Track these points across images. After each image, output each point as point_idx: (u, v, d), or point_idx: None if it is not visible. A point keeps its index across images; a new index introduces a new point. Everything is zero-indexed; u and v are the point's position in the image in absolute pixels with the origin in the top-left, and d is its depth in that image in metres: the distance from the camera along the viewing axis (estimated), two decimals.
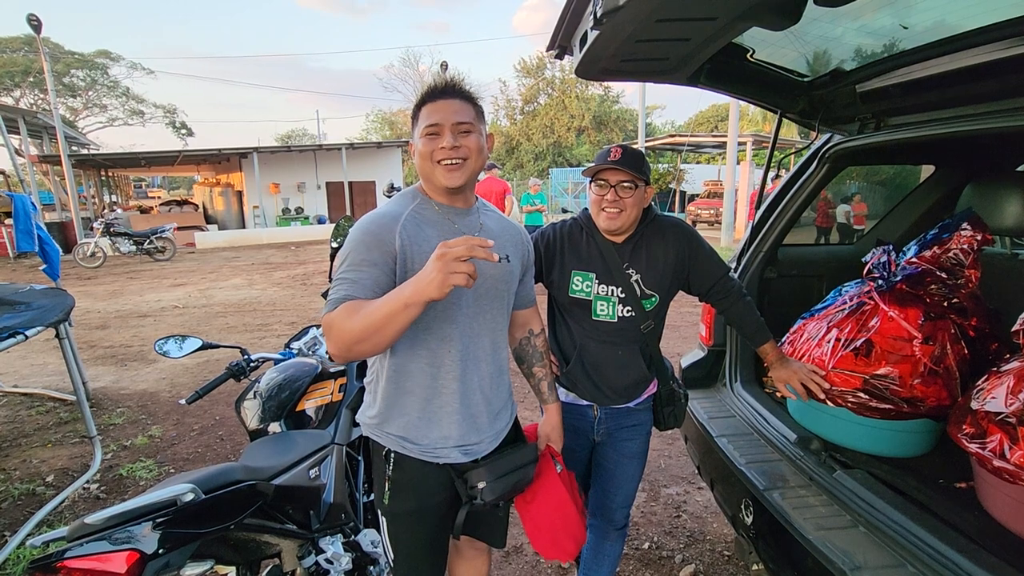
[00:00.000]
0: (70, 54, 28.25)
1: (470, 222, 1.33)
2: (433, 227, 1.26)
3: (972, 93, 1.50)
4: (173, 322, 6.69)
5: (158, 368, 4.96)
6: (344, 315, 1.11)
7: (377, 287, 1.17)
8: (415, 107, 1.28)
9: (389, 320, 1.06)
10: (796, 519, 1.42)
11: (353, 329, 1.08)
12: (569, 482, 1.57)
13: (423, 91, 1.27)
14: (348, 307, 1.13)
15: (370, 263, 1.17)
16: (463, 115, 1.23)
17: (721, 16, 1.44)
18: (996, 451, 1.27)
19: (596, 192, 1.57)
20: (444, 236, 1.24)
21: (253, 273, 10.62)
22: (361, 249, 1.18)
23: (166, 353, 2.04)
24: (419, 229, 1.24)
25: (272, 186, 18.67)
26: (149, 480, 3.03)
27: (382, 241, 1.19)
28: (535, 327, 1.56)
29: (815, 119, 2.02)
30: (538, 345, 1.56)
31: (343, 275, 1.18)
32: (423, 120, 1.24)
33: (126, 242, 12.57)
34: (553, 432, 1.59)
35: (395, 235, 1.20)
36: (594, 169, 1.56)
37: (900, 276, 1.67)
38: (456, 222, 1.30)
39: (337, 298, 1.15)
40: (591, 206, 1.61)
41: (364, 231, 1.21)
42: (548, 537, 1.50)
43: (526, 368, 1.59)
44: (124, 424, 3.78)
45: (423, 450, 1.30)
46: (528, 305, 1.54)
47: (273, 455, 1.72)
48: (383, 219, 1.23)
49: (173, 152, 18.19)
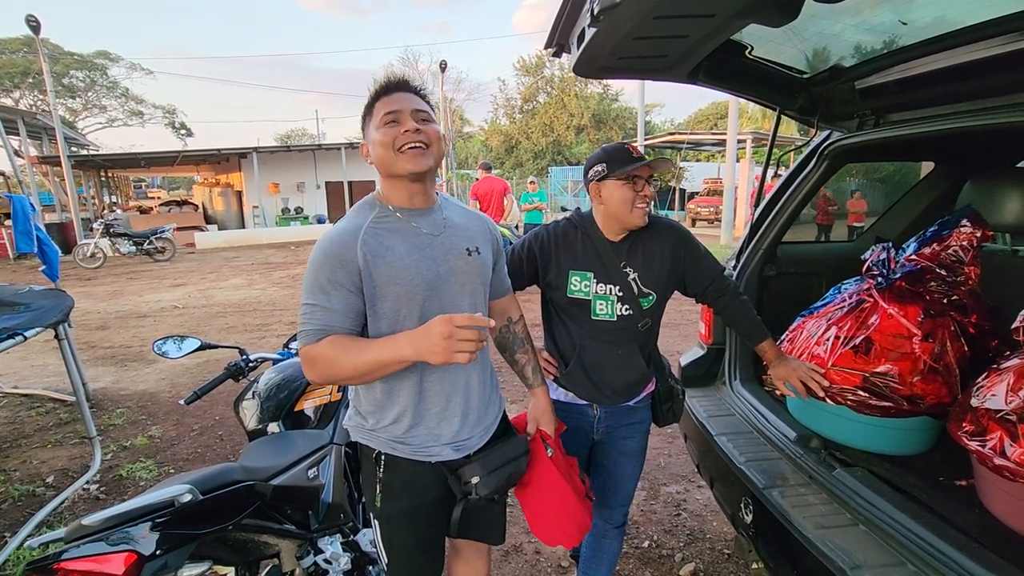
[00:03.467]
0: (69, 55, 28.23)
1: (434, 221, 1.29)
2: (396, 234, 1.23)
3: (971, 89, 1.49)
4: (173, 322, 6.69)
5: (158, 368, 4.95)
6: (331, 352, 1.14)
7: (349, 311, 1.18)
8: (367, 105, 1.26)
9: (381, 368, 1.15)
10: (796, 517, 1.42)
11: (343, 369, 1.15)
12: (566, 466, 1.54)
13: (375, 88, 1.26)
14: (333, 343, 1.15)
15: (337, 284, 1.17)
16: (420, 104, 1.24)
17: (719, 13, 1.43)
18: (996, 449, 1.26)
19: (631, 189, 1.53)
20: (409, 242, 1.23)
21: (253, 273, 10.61)
22: (325, 270, 1.17)
23: (164, 354, 2.04)
24: (380, 240, 1.21)
25: (272, 186, 18.66)
26: (149, 480, 3.03)
27: (343, 260, 1.17)
28: (514, 314, 1.56)
29: (814, 116, 2.01)
30: (518, 331, 1.56)
31: (313, 300, 1.17)
32: (379, 111, 1.22)
33: (126, 243, 12.57)
34: (543, 416, 1.56)
35: (356, 251, 1.17)
36: (630, 169, 1.52)
37: (899, 273, 1.66)
38: (421, 225, 1.26)
39: (315, 328, 1.16)
40: (620, 205, 1.54)
41: (325, 251, 1.18)
42: (544, 521, 1.48)
43: (508, 355, 1.58)
44: (124, 425, 3.78)
45: (414, 450, 1.30)
46: (504, 294, 1.52)
47: (271, 455, 1.72)
48: (342, 236, 1.20)
49: (173, 152, 18.18)
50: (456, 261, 1.28)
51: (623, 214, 1.56)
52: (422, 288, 1.22)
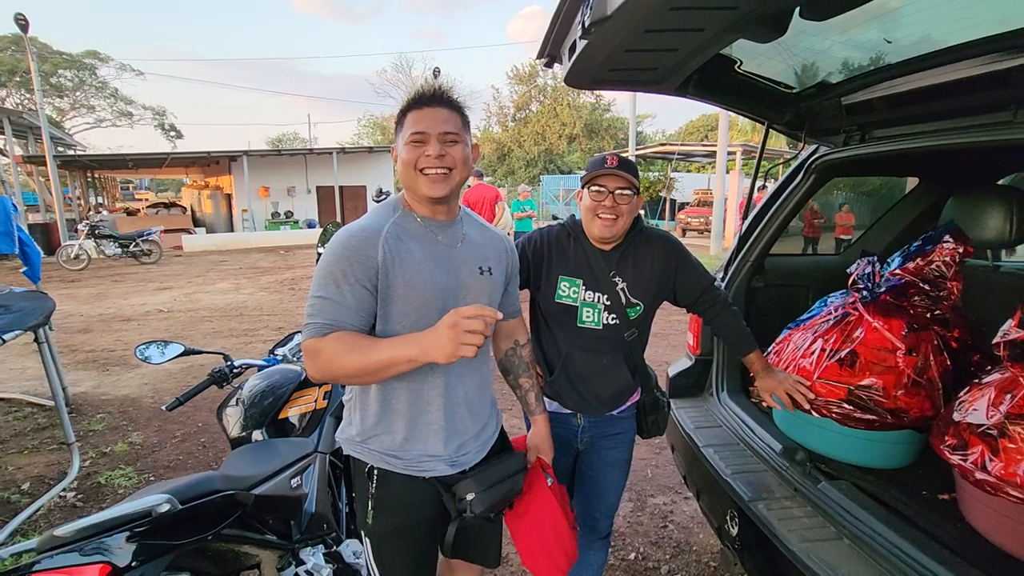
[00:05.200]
0: (58, 54, 27.96)
1: (453, 233, 1.29)
2: (415, 240, 1.23)
3: (954, 107, 1.52)
4: (158, 326, 6.59)
5: (140, 373, 4.88)
6: (337, 347, 1.11)
7: (361, 309, 1.16)
8: (400, 112, 1.25)
9: (388, 368, 1.12)
10: (781, 531, 1.42)
11: (347, 367, 1.11)
12: (560, 496, 1.53)
13: (410, 97, 1.24)
14: (341, 339, 1.12)
15: (353, 280, 1.15)
16: (450, 124, 1.20)
17: (708, 28, 1.45)
18: (977, 463, 1.27)
19: (593, 198, 1.55)
20: (427, 249, 1.23)
21: (240, 277, 10.51)
22: (343, 264, 1.15)
23: (147, 359, 2.01)
24: (401, 243, 1.20)
25: (262, 190, 18.55)
26: (128, 488, 2.97)
27: (364, 256, 1.16)
28: (521, 338, 1.54)
29: (801, 131, 2.04)
30: (524, 356, 1.54)
31: (324, 293, 1.15)
32: (408, 127, 1.21)
33: (111, 244, 12.41)
34: (543, 443, 1.55)
35: (377, 249, 1.17)
36: (593, 174, 1.54)
37: (884, 287, 1.68)
38: (439, 234, 1.27)
39: (323, 322, 1.14)
40: (585, 213, 1.59)
41: (345, 245, 1.17)
42: (542, 554, 1.44)
43: (512, 379, 1.56)
44: (104, 430, 3.71)
45: (407, 464, 1.27)
46: (513, 316, 1.51)
47: (254, 464, 1.69)
48: (364, 232, 1.19)
49: (161, 154, 18.03)
50: (468, 277, 1.28)
51: (587, 222, 1.59)
52: (435, 296, 1.21)
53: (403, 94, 27.73)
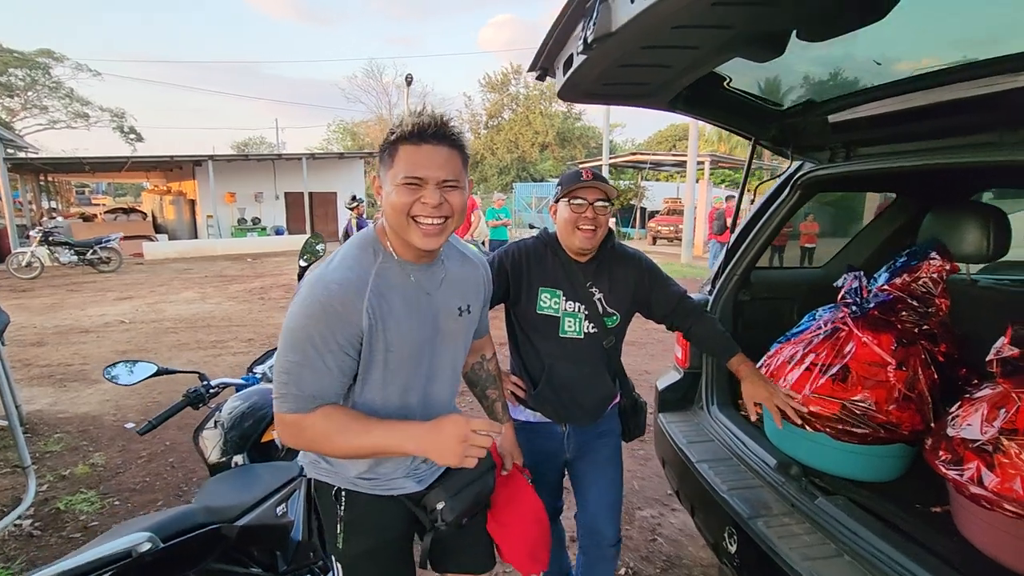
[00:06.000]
0: (8, 52, 26.71)
1: (433, 275, 1.21)
2: (396, 291, 1.14)
3: (941, 127, 1.56)
4: (119, 338, 6.30)
5: (101, 389, 4.63)
6: (325, 428, 1.07)
7: (343, 375, 1.11)
8: (391, 141, 1.09)
9: (380, 453, 1.12)
10: (783, 549, 1.41)
11: (334, 447, 1.10)
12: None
13: (404, 127, 1.07)
14: (329, 417, 1.08)
15: (335, 346, 1.06)
16: (451, 169, 1.08)
17: (704, 46, 1.46)
18: (973, 478, 1.30)
19: (573, 211, 1.58)
20: (408, 302, 1.15)
21: (206, 286, 10.16)
22: (323, 329, 1.05)
23: (115, 379, 1.90)
24: (384, 299, 1.11)
25: (228, 195, 18.05)
26: (91, 514, 2.80)
27: (347, 323, 1.06)
28: (487, 352, 1.56)
29: (787, 147, 2.07)
30: (491, 369, 1.57)
31: (302, 359, 1.05)
32: (401, 166, 1.06)
33: (66, 252, 11.83)
34: (514, 449, 1.59)
35: (361, 315, 1.07)
36: (571, 188, 1.58)
37: (873, 303, 1.71)
38: (420, 280, 1.18)
39: (306, 395, 1.06)
40: (564, 226, 1.62)
41: (323, 307, 1.05)
42: (526, 549, 1.45)
43: (479, 391, 1.58)
44: (62, 451, 3.49)
45: (375, 485, 1.24)
46: (483, 334, 1.52)
47: (236, 492, 1.60)
48: (344, 291, 1.06)
49: (121, 158, 17.36)
50: (445, 322, 1.23)
51: (566, 235, 1.62)
52: (411, 353, 1.17)
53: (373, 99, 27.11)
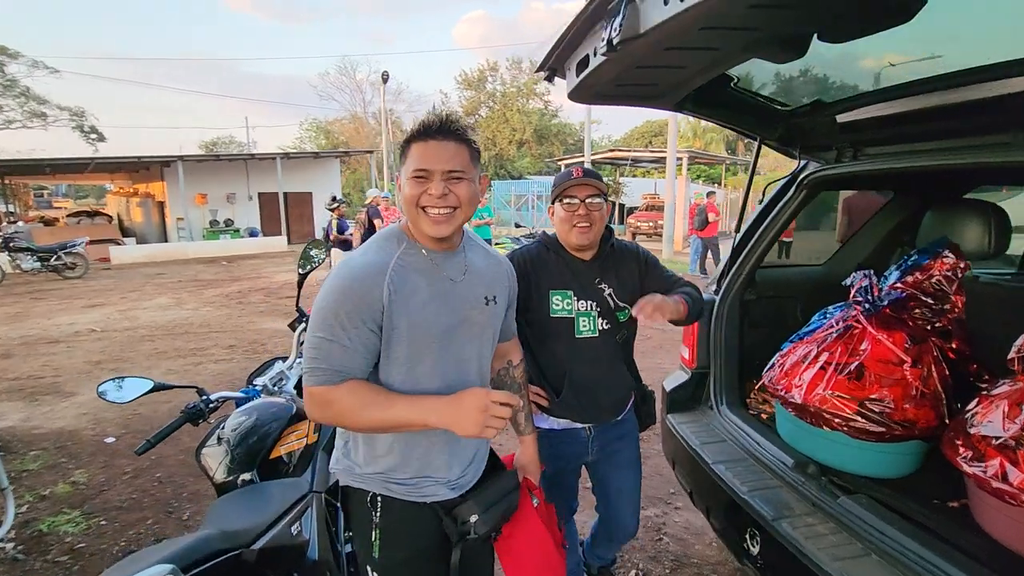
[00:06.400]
0: None
1: (456, 263, 1.26)
2: (420, 274, 1.19)
3: (952, 128, 1.57)
4: (91, 348, 6.06)
5: (76, 402, 4.43)
6: (351, 401, 1.12)
7: (368, 352, 1.15)
8: (404, 141, 1.20)
9: (401, 427, 1.15)
10: (811, 550, 1.42)
11: (360, 422, 1.14)
12: (547, 516, 1.53)
13: (415, 127, 1.19)
14: (355, 391, 1.12)
15: (359, 322, 1.12)
16: (456, 161, 1.15)
17: (724, 47, 1.45)
18: (997, 475, 1.31)
19: (567, 210, 1.60)
20: (432, 283, 1.20)
21: (181, 291, 9.86)
22: (347, 305, 1.11)
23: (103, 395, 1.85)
24: (406, 279, 1.17)
25: (199, 197, 17.54)
26: (76, 535, 2.67)
27: (369, 298, 1.12)
28: (514, 358, 1.54)
29: (794, 146, 2.08)
30: (516, 376, 1.54)
31: (329, 335, 1.11)
32: (412, 161, 1.16)
33: (28, 258, 11.37)
34: (531, 464, 1.56)
35: (382, 290, 1.13)
36: (563, 188, 1.60)
37: (886, 301, 1.73)
38: (444, 268, 1.23)
39: (332, 369, 1.11)
40: (560, 226, 1.65)
41: (348, 286, 1.13)
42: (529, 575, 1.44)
43: None
44: (40, 470, 3.33)
45: (409, 490, 1.24)
46: (509, 337, 1.51)
47: (249, 513, 1.53)
48: (367, 270, 1.15)
49: (84, 159, 16.70)
50: (471, 311, 1.25)
51: (563, 234, 1.65)
52: (437, 337, 1.19)
53: (347, 97, 26.89)
